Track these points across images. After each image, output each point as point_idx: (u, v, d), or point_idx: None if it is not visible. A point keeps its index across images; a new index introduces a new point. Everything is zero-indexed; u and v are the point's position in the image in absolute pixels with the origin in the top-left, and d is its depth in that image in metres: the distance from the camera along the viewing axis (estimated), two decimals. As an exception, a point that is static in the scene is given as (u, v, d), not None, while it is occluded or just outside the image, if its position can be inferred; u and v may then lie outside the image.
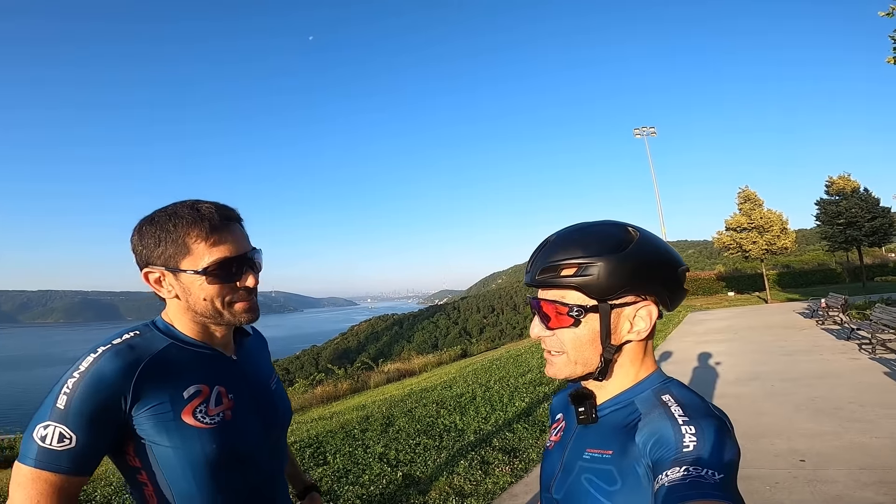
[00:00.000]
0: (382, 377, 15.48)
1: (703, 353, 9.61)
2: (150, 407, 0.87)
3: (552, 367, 0.81)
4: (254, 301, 1.02)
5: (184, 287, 0.96)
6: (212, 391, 0.95)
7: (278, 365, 55.38)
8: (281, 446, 1.11)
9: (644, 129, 30.04)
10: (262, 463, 1.02)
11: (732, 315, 17.50)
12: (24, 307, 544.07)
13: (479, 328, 78.54)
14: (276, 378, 1.18)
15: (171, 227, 0.94)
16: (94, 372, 0.84)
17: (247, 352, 1.12)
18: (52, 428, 0.81)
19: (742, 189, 23.85)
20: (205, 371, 0.97)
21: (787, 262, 34.67)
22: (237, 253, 0.98)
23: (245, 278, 0.99)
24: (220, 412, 0.95)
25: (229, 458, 0.94)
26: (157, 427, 0.88)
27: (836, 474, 3.71)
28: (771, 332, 12.05)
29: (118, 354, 0.87)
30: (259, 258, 1.04)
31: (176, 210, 0.96)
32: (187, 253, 0.94)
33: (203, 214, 0.95)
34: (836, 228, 23.79)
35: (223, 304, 0.97)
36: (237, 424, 0.97)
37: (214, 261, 0.94)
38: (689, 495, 0.58)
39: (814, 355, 8.67)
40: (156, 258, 0.95)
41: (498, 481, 3.93)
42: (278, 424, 1.10)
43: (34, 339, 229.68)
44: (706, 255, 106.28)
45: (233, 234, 0.99)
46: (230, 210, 1.01)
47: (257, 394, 1.06)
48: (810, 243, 60.80)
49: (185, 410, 0.90)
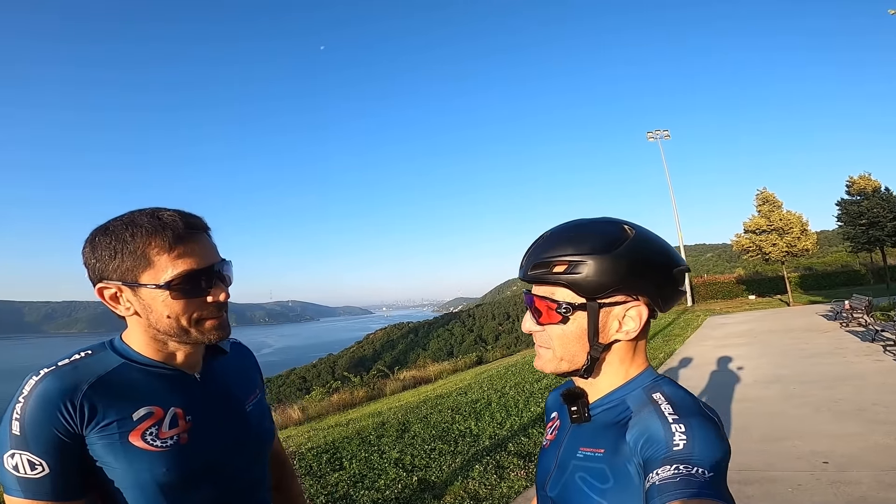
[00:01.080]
0: (398, 384, 15.47)
1: (723, 357, 9.45)
2: (97, 428, 0.82)
3: (539, 359, 0.83)
4: (224, 318, 0.94)
5: (144, 303, 0.88)
6: (166, 413, 0.89)
7: (296, 374, 55.89)
8: (258, 466, 1.04)
9: (658, 132, 29.74)
10: (227, 483, 0.95)
11: (753, 318, 17.17)
12: (49, 317, 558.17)
13: (494, 335, 78.41)
14: (259, 397, 1.09)
15: (129, 238, 0.86)
16: (37, 394, 0.80)
17: (216, 370, 1.02)
18: (18, 456, 0.78)
19: (760, 191, 23.47)
20: (160, 392, 0.90)
21: (809, 265, 34.00)
22: (204, 265, 0.89)
23: (216, 293, 0.91)
24: (174, 435, 0.88)
25: (184, 480, 0.88)
26: (106, 449, 0.83)
27: (859, 476, 3.63)
28: (792, 335, 11.80)
29: (61, 376, 0.82)
30: (229, 271, 0.95)
31: (133, 218, 0.88)
32: (148, 266, 0.86)
33: (165, 223, 0.87)
34: (858, 229, 23.28)
35: (190, 322, 0.89)
36: (194, 447, 0.90)
37: (179, 274, 0.86)
38: (680, 493, 0.58)
39: (837, 357, 8.48)
40: (111, 272, 0.87)
41: (513, 485, 3.91)
42: (251, 446, 1.02)
43: (58, 348, 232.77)
44: (725, 258, 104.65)
45: (199, 245, 0.90)
46: (195, 218, 0.92)
47: (225, 414, 0.98)
48: (832, 245, 59.52)
49: (134, 433, 0.85)
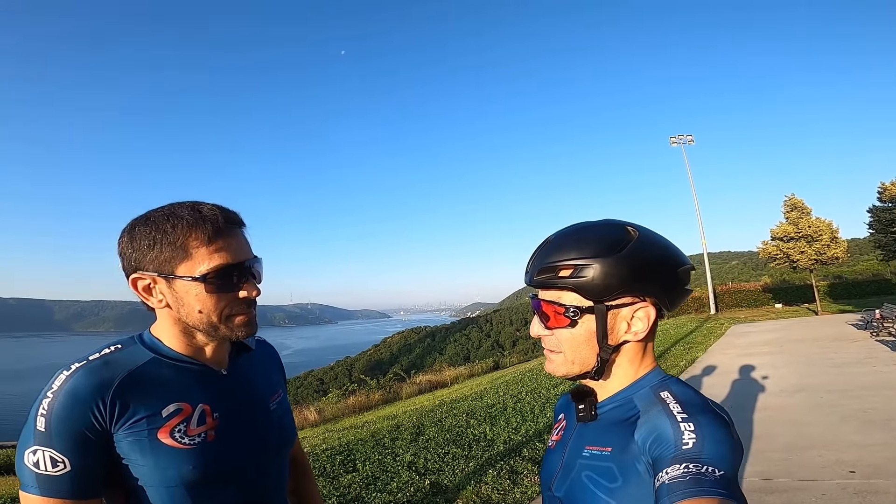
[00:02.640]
0: (414, 388, 15.52)
1: (746, 366, 9.20)
2: (127, 425, 0.82)
3: (550, 364, 0.83)
4: (253, 315, 0.95)
5: (177, 296, 0.88)
6: (194, 410, 0.89)
7: (314, 375, 56.43)
8: (278, 467, 1.04)
9: (681, 137, 29.23)
10: (250, 484, 0.96)
11: (779, 327, 16.71)
12: (77, 316, 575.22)
13: (511, 341, 77.97)
14: (282, 396, 1.09)
15: (169, 229, 0.86)
16: (66, 391, 0.79)
17: (242, 367, 1.03)
18: (40, 452, 0.77)
19: (788, 197, 22.90)
20: (189, 388, 0.90)
21: (839, 273, 32.99)
22: (238, 260, 0.90)
23: (248, 288, 0.91)
24: (201, 432, 0.88)
25: (209, 479, 0.88)
26: (133, 446, 0.83)
27: (888, 486, 3.52)
28: (820, 344, 11.45)
29: (92, 371, 0.82)
30: (260, 268, 0.96)
31: (174, 210, 0.88)
32: (185, 258, 0.86)
33: (205, 216, 0.87)
34: (890, 237, 22.53)
35: (220, 317, 0.89)
36: (221, 445, 0.90)
37: (214, 267, 0.86)
38: (690, 492, 0.58)
39: (866, 367, 8.20)
40: (148, 263, 0.87)
41: (526, 491, 3.87)
42: (273, 445, 1.01)
43: (86, 346, 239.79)
44: (751, 266, 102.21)
45: (235, 240, 0.91)
46: (233, 214, 0.93)
47: (250, 412, 0.98)
48: (863, 253, 57.67)
49: (163, 430, 0.84)
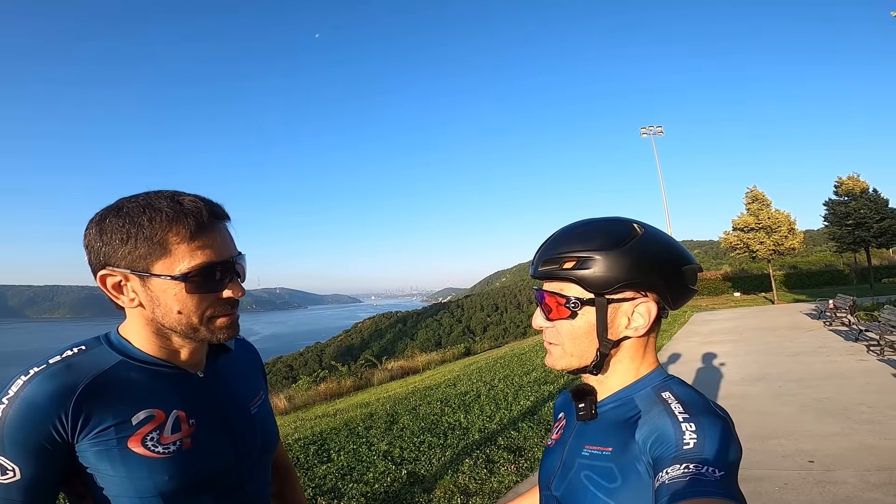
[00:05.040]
0: (386, 375, 15.47)
1: (709, 354, 9.57)
2: (92, 434, 0.75)
3: (550, 356, 0.83)
4: (236, 316, 0.87)
5: (152, 295, 0.80)
6: (168, 416, 0.81)
7: (283, 362, 55.69)
8: (259, 473, 0.98)
9: (651, 128, 29.77)
10: (230, 491, 0.90)
11: (738, 316, 17.41)
12: (31, 302, 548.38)
13: (482, 326, 78.68)
14: (263, 399, 1.02)
15: (146, 222, 0.77)
16: (23, 398, 0.72)
17: (221, 369, 0.95)
18: None
19: (750, 189, 23.73)
20: (162, 393, 0.83)
21: (795, 263, 34.50)
22: (223, 257, 0.82)
23: (233, 288, 0.84)
24: (176, 440, 0.81)
25: (187, 488, 0.82)
26: (101, 456, 0.76)
27: (845, 475, 3.69)
28: (777, 333, 11.98)
29: (52, 377, 0.74)
30: (244, 265, 0.89)
31: (151, 202, 0.79)
32: (164, 254, 0.78)
33: (187, 210, 0.79)
34: (844, 229, 23.58)
35: (201, 319, 0.82)
36: (198, 453, 0.84)
37: (196, 265, 0.79)
38: (690, 493, 0.57)
39: (821, 356, 8.62)
40: (119, 258, 0.78)
41: (503, 480, 3.91)
42: (255, 450, 0.95)
43: (41, 334, 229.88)
44: (712, 255, 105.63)
45: (220, 235, 0.83)
46: (218, 206, 0.85)
47: (229, 417, 0.91)
48: (818, 244, 60.42)
49: (133, 438, 0.77)
